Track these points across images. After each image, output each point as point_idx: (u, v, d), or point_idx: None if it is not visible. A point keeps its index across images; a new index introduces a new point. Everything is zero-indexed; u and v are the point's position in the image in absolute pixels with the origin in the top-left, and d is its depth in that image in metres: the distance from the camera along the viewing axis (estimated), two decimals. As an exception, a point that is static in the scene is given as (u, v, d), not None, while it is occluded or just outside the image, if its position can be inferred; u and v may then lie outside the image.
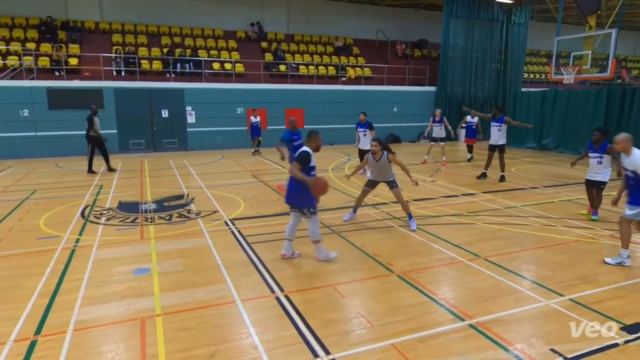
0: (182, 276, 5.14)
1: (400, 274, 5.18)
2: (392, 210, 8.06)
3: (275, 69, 20.00)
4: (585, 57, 16.70)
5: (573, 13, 23.05)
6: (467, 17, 21.59)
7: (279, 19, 22.51)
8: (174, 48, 19.20)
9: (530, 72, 27.42)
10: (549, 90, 18.60)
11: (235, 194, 9.50)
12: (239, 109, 18.27)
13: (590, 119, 15.92)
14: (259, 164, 14.11)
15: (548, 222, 7.40)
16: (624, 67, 31.93)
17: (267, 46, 21.34)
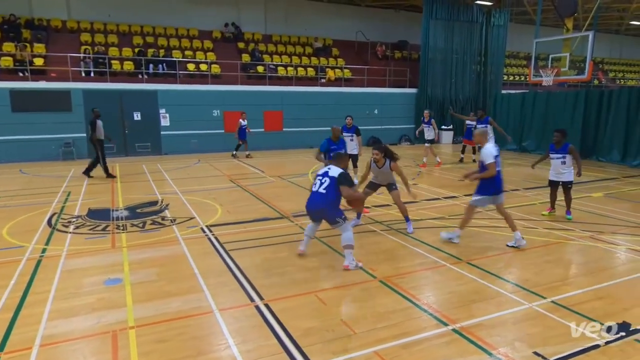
0: (156, 286, 5.05)
1: (383, 279, 5.21)
2: (374, 215, 8.11)
3: (252, 70, 19.93)
4: (563, 59, 17.22)
5: (551, 15, 23.75)
6: (447, 18, 22.00)
7: (256, 18, 22.47)
8: (147, 48, 18.93)
9: (509, 74, 28.09)
10: (528, 93, 19.10)
11: (212, 199, 9.40)
12: (215, 111, 18.13)
13: (569, 120, 16.39)
14: (237, 168, 14.01)
15: (529, 224, 7.57)
16: (601, 69, 33.06)
17: (244, 47, 21.26)
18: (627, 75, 34.89)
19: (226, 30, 21.61)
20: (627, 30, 33.81)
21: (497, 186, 6.32)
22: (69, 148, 16.03)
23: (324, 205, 5.61)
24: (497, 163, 6.24)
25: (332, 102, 20.00)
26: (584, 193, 10.08)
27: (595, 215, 8.22)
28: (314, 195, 5.73)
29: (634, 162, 14.38)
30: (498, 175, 6.29)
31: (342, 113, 20.24)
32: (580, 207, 8.78)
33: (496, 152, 6.27)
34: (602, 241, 6.66)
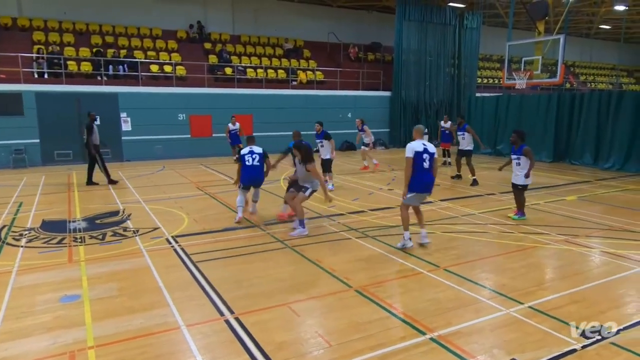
0: (117, 302, 4.90)
1: (359, 288, 5.23)
2: (349, 222, 8.16)
3: (220, 72, 19.79)
4: (536, 62, 17.87)
5: (523, 19, 24.61)
6: (420, 20, 22.48)
7: (223, 18, 22.34)
8: (106, 48, 18.52)
9: (483, 77, 28.90)
10: (502, 96, 19.68)
11: (178, 208, 9.25)
12: (181, 115, 17.88)
13: (542, 124, 16.99)
14: (204, 175, 13.83)
15: (505, 228, 7.78)
16: (572, 72, 34.45)
17: (211, 47, 21.09)
18: (597, 78, 36.47)
19: (192, 30, 21.39)
20: (596, 34, 35.38)
21: (419, 183, 6.38)
22: (20, 155, 15.45)
23: (261, 174, 8.22)
24: (423, 160, 6.29)
25: (303, 106, 20.05)
26: (558, 196, 10.43)
27: (570, 218, 8.52)
28: (252, 168, 8.06)
29: (606, 164, 15.00)
30: (420, 174, 6.31)
31: (314, 117, 20.29)
32: (555, 210, 9.08)
33: (422, 148, 6.31)
34: (577, 244, 6.90)
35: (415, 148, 6.38)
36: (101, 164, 11.97)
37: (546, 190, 11.30)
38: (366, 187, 11.63)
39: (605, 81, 36.42)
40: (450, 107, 24.15)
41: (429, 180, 6.46)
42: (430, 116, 23.34)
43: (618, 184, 12.08)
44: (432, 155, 6.45)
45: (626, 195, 10.78)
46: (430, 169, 6.44)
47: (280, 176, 13.03)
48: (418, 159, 6.38)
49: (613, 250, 6.61)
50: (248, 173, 8.01)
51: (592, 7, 27.91)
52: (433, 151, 6.47)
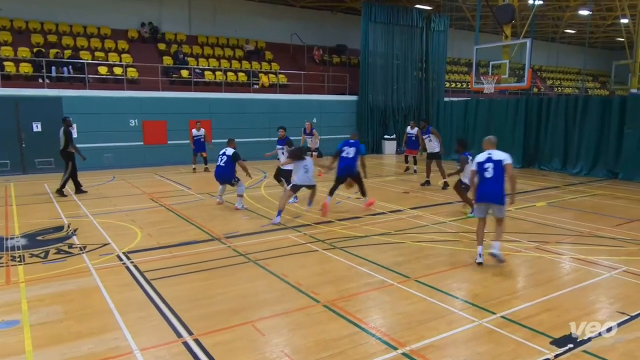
0: (62, 326, 4.71)
1: (327, 303, 5.23)
2: (316, 233, 8.16)
3: (176, 75, 19.50)
4: (503, 66, 18.54)
5: (490, 22, 25.55)
6: (386, 22, 22.93)
7: (178, 17, 22.08)
8: (48, 48, 17.92)
9: (451, 80, 29.75)
10: (470, 100, 20.31)
11: (130, 221, 9.01)
12: (133, 120, 17.46)
13: (511, 128, 17.61)
14: (159, 185, 13.54)
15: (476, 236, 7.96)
16: (539, 76, 35.98)
17: (166, 48, 20.79)
18: (563, 83, 38.23)
19: (144, 30, 21.01)
20: (562, 39, 37.17)
21: (480, 193, 6.63)
22: (-51, 166, 14.66)
23: (226, 173, 10.08)
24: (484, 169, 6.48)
25: (266, 110, 20.00)
26: (528, 203, 10.81)
27: (540, 225, 8.84)
28: (217, 167, 10.17)
29: (574, 170, 15.69)
30: (481, 183, 6.54)
31: (278, 122, 20.23)
32: (525, 217, 9.40)
33: (484, 158, 6.54)
34: (548, 251, 7.16)
35: (478, 159, 6.66)
36: (72, 172, 11.96)
37: (516, 196, 11.66)
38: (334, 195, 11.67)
39: (572, 85, 38.23)
40: (418, 112, 24.66)
41: (490, 190, 6.50)
42: (398, 121, 23.76)
43: (586, 189, 12.64)
44: (498, 163, 6.45)
45: (594, 200, 11.29)
46: (494, 178, 6.43)
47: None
48: (480, 169, 6.58)
49: (583, 256, 6.90)
50: (215, 171, 10.31)
51: (557, 12, 29.33)
52: (499, 159, 6.49)
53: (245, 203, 10.65)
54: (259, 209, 10.14)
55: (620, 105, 14.54)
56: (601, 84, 41.26)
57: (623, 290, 5.69)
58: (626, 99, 15.11)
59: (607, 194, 12.01)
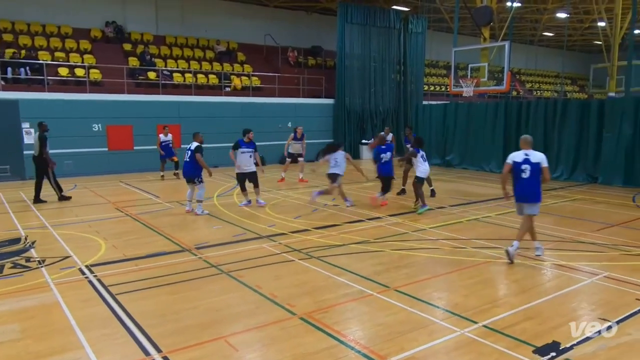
0: (20, 346, 4.56)
1: (303, 315, 5.21)
2: (291, 242, 8.14)
3: (142, 77, 19.26)
4: (482, 69, 18.95)
5: (468, 24, 26.08)
6: (363, 23, 23.18)
7: (145, 16, 21.85)
8: (3, 48, 17.50)
9: (430, 84, 30.20)
10: (449, 103, 20.63)
11: (93, 232, 8.83)
12: (96, 125, 17.14)
13: (490, 132, 17.97)
14: (124, 194, 13.30)
15: (457, 243, 8.09)
16: (518, 79, 36.87)
17: (131, 49, 20.52)
18: (542, 86, 39.27)
19: (108, 29, 20.70)
20: (540, 41, 38.21)
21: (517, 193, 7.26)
22: None
23: (190, 169, 10.20)
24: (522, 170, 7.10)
25: (238, 114, 19.91)
26: (508, 209, 11.00)
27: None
28: (184, 164, 10.38)
29: (554, 174, 16.04)
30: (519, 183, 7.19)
31: (251, 126, 20.20)
32: (506, 223, 9.58)
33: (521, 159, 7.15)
34: (529, 258, 7.30)
35: (514, 158, 7.24)
36: (54, 179, 12.01)
37: (496, 202, 11.90)
38: (309, 203, 11.69)
39: (550, 89, 39.31)
40: (396, 116, 24.95)
41: (528, 191, 7.13)
42: (376, 125, 23.96)
43: (566, 194, 12.97)
44: (536, 166, 7.08)
45: (574, 205, 11.59)
46: (531, 178, 7.07)
47: (214, 193, 12.78)
48: (517, 169, 7.17)
49: (564, 262, 7.06)
50: (182, 167, 10.64)
51: (535, 14, 30.16)
52: (537, 161, 7.09)
53: (217, 211, 10.56)
54: (231, 217, 10.06)
55: (599, 109, 15.02)
56: (580, 87, 42.54)
57: (604, 296, 5.84)
58: (604, 102, 15.63)
59: (587, 199, 12.35)
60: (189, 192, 10.58)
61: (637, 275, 6.42)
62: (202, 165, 10.24)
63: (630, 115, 14.27)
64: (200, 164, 10.18)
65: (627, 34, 24.06)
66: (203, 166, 10.26)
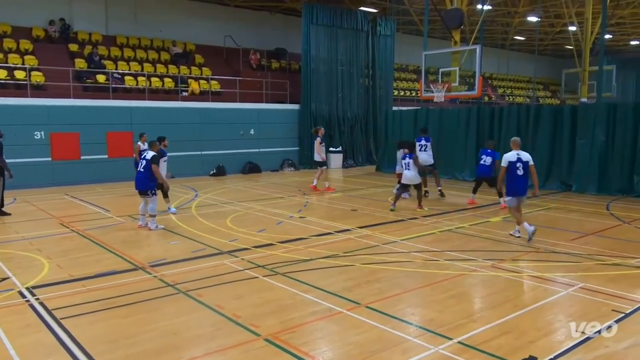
0: (-51, 380, 4.35)
1: (268, 336, 5.17)
2: (255, 257, 8.08)
3: (90, 80, 18.87)
4: (453, 73, 19.41)
5: (438, 27, 26.74)
6: (329, 24, 23.41)
7: (93, 14, 21.47)
8: None
9: (400, 88, 30.74)
10: (420, 109, 21.01)
11: (35, 251, 8.56)
12: (38, 133, 16.65)
13: (463, 139, 18.36)
14: (70, 208, 12.95)
15: (430, 256, 8.21)
16: (490, 84, 37.95)
17: (78, 49, 20.10)
18: (514, 91, 40.52)
19: (52, 28, 20.22)
20: (512, 45, 39.51)
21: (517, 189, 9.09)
22: None
23: (144, 180, 9.96)
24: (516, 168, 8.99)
25: (197, 121, 19.74)
26: (482, 218, 11.27)
27: (495, 241, 9.23)
28: (138, 174, 10.14)
29: (528, 183, 16.53)
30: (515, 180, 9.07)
31: (210, 134, 20.16)
32: (479, 233, 9.79)
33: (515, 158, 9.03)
34: (504, 269, 7.48)
35: (509, 159, 8.97)
36: (2, 191, 11.87)
37: (470, 211, 12.17)
38: (274, 215, 11.66)
39: (523, 94, 40.60)
40: (365, 122, 25.22)
41: (522, 186, 9.06)
42: (344, 132, 24.17)
43: (540, 203, 13.36)
44: (526, 164, 9.01)
45: (548, 214, 11.96)
46: (524, 175, 8.98)
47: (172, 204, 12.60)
48: (512, 168, 8.91)
49: (539, 273, 7.26)
50: (135, 177, 10.39)
51: (506, 17, 31.19)
52: (527, 160, 9.03)
53: (174, 225, 10.40)
54: (189, 231, 9.91)
55: (572, 115, 15.60)
56: (552, 92, 44.13)
57: (580, 307, 6.03)
58: (577, 108, 16.24)
59: (561, 207, 12.77)
60: (142, 206, 10.36)
61: (612, 286, 6.66)
62: (158, 177, 10.17)
63: (603, 122, 14.88)
64: (156, 175, 10.07)
65: (598, 38, 25.17)
66: (159, 178, 10.22)
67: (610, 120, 14.83)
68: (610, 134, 14.82)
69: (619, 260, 7.96)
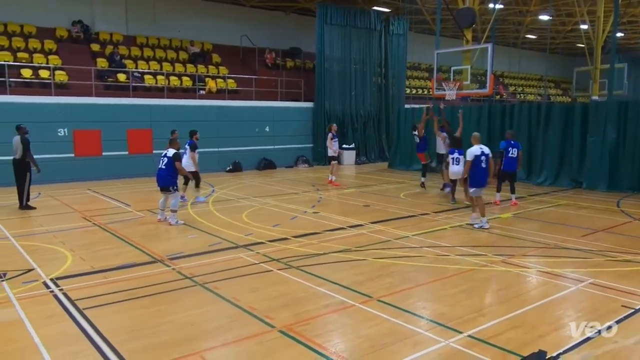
0: (-22, 367, 4.44)
1: (283, 328, 5.19)
2: (270, 251, 8.11)
3: (111, 79, 19.02)
4: (465, 72, 19.20)
5: (450, 25, 26.48)
6: (343, 24, 23.30)
7: (114, 15, 21.60)
8: (-38, 48, 17.10)
9: (412, 87, 30.51)
10: (432, 107, 20.83)
11: (58, 244, 8.66)
12: (62, 130, 16.84)
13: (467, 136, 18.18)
14: (92, 202, 13.09)
15: (441, 251, 8.17)
16: (502, 82, 37.53)
17: (100, 49, 20.26)
18: (526, 89, 40.04)
19: (75, 29, 20.41)
20: (523, 44, 39.00)
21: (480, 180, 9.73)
22: None
23: (166, 177, 10.03)
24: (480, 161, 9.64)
25: (214, 119, 19.80)
26: (493, 214, 11.17)
27: (505, 237, 9.15)
28: (159, 171, 10.12)
29: (538, 179, 16.38)
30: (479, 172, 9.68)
31: (227, 131, 20.24)
32: (490, 229, 9.71)
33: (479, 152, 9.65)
34: (514, 265, 7.42)
35: (474, 152, 9.57)
36: (28, 186, 12.13)
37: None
38: (288, 210, 11.68)
39: (534, 92, 40.09)
40: (378, 120, 25.11)
41: (485, 177, 9.68)
42: (357, 130, 24.09)
43: (551, 200, 13.23)
44: (488, 157, 9.69)
45: (559, 210, 11.83)
46: (487, 167, 9.65)
47: (187, 201, 12.67)
48: (477, 161, 9.53)
49: (549, 269, 7.19)
50: (156, 174, 10.31)
51: (517, 16, 30.79)
52: (488, 152, 9.74)
53: (191, 220, 10.47)
54: (206, 226, 9.98)
55: (582, 113, 15.39)
56: (563, 90, 43.50)
57: (590, 303, 5.97)
58: (588, 106, 16.01)
59: (572, 204, 12.61)
60: (162, 201, 10.46)
61: (622, 282, 6.57)
62: (183, 173, 10.57)
63: (614, 120, 14.67)
64: (181, 172, 10.35)
65: (610, 37, 24.74)
66: (184, 174, 10.75)
67: (622, 118, 14.62)
68: (621, 131, 14.61)
69: (630, 256, 7.85)
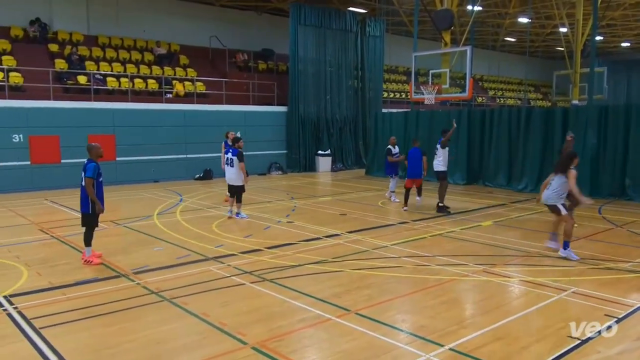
0: None
1: (256, 344, 5.15)
2: (241, 264, 8.05)
3: (71, 81, 18.70)
4: (444, 75, 19.53)
5: (428, 27, 26.89)
6: (317, 25, 23.44)
7: (74, 14, 21.30)
8: None
9: (389, 90, 30.86)
10: (410, 111, 21.11)
11: (13, 258, 8.46)
12: (17, 136, 16.47)
13: (454, 141, 18.42)
14: (50, 213, 12.81)
15: (421, 261, 8.23)
16: (481, 86, 38.25)
17: (58, 50, 19.92)
18: (505, 93, 40.88)
19: (32, 28, 20.03)
20: (502, 47, 39.88)
21: None
22: None
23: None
24: None
25: (181, 124, 19.65)
26: (474, 222, 11.33)
27: (487, 246, 9.28)
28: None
29: (519, 186, 16.70)
30: None
31: (196, 137, 20.09)
32: (471, 238, 9.84)
33: None
34: (495, 274, 7.52)
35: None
36: None
37: (462, 215, 12.23)
38: (261, 220, 11.63)
39: (514, 96, 40.97)
40: (355, 124, 25.28)
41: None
42: (333, 135, 24.20)
43: (531, 207, 13.47)
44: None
45: (540, 217, 12.05)
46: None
47: (154, 210, 12.49)
48: None
49: (531, 278, 7.31)
50: None
51: (497, 19, 31.48)
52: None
53: (158, 231, 10.33)
54: (173, 237, 9.85)
55: (563, 117, 15.80)
56: (543, 94, 44.58)
57: (573, 312, 6.08)
58: (568, 110, 16.43)
59: (553, 211, 12.87)
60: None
61: (605, 290, 6.73)
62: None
63: (594, 124, 15.08)
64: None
65: (589, 40, 25.48)
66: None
67: (602, 122, 15.04)
68: (601, 137, 15.01)
69: (612, 264, 8.04)
